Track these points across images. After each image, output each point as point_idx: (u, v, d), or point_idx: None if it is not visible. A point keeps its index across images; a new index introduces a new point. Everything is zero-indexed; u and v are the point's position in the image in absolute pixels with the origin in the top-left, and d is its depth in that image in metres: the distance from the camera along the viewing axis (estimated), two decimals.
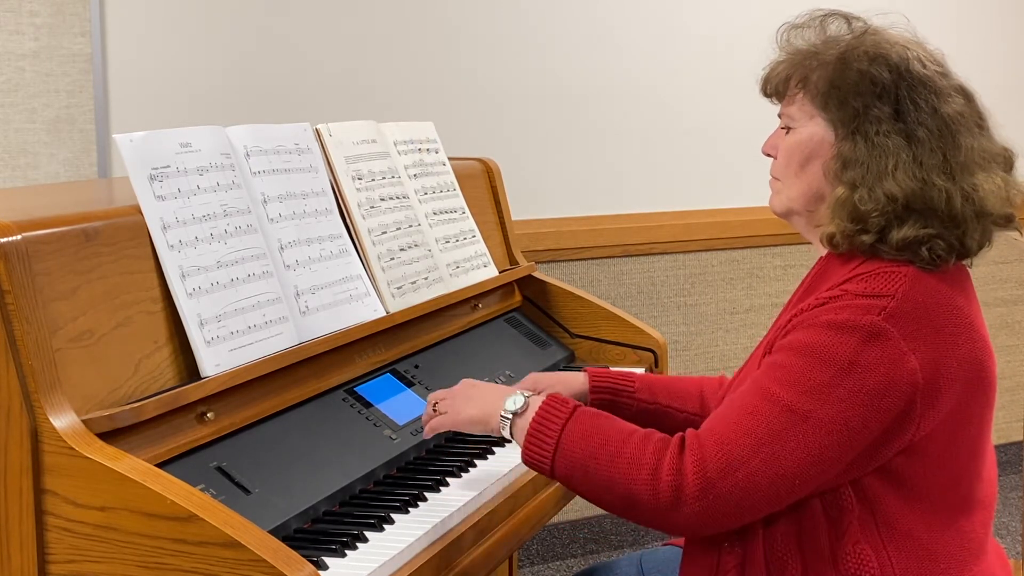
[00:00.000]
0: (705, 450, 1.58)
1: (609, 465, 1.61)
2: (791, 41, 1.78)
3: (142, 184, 1.71)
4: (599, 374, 2.10)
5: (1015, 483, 4.32)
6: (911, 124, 1.66)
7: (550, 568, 3.76)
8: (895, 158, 1.65)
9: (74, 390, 1.50)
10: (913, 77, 1.68)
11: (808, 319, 1.64)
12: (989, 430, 1.72)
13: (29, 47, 3.01)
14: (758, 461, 1.56)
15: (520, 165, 3.49)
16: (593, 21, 3.74)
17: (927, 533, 1.66)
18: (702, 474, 1.56)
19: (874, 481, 1.64)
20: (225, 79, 3.25)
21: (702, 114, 3.91)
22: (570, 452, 1.65)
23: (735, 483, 1.56)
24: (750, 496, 1.57)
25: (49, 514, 1.45)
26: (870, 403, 1.58)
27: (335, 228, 2.08)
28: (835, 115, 1.70)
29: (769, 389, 1.60)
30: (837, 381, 1.57)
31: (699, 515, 1.57)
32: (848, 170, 1.67)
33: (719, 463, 1.56)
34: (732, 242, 3.97)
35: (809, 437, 1.57)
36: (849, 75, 1.69)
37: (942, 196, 1.64)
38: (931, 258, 1.64)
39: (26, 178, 3.03)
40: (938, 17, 4.21)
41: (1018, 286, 4.52)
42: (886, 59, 1.69)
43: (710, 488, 1.56)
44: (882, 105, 1.67)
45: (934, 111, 1.67)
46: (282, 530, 1.62)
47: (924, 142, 1.65)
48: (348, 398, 1.97)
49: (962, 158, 1.66)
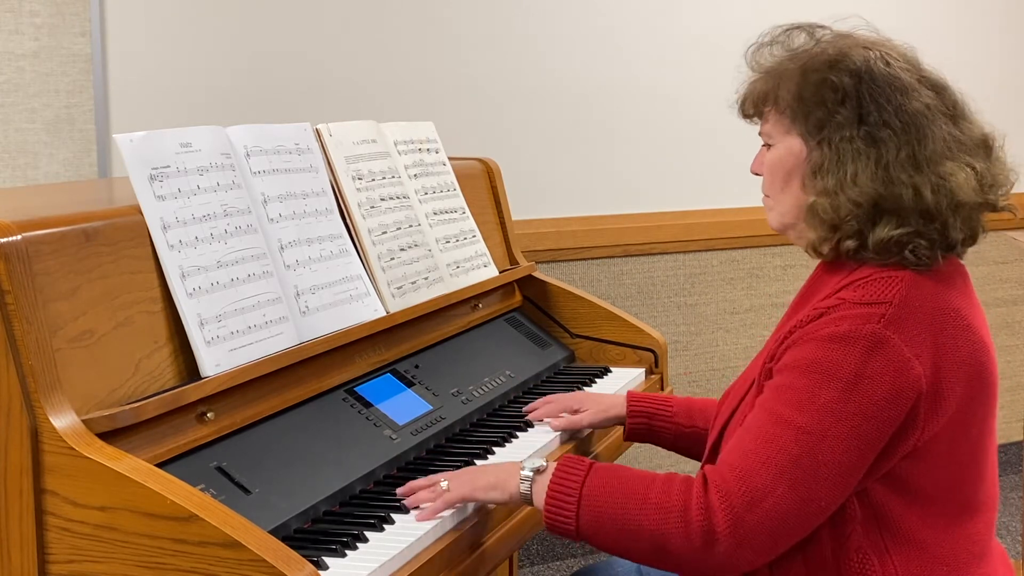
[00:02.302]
0: (727, 484, 1.57)
1: (638, 514, 1.60)
2: (759, 60, 1.80)
3: (142, 184, 1.71)
4: (637, 398, 2.14)
5: (1015, 483, 4.32)
6: (873, 126, 1.67)
7: (550, 568, 3.76)
8: (855, 164, 1.66)
9: (74, 390, 1.50)
10: (875, 77, 1.69)
11: (808, 333, 1.63)
12: (991, 431, 1.72)
13: (29, 47, 3.01)
14: (783, 489, 1.56)
15: (520, 165, 3.49)
16: (593, 21, 3.74)
17: (931, 536, 1.65)
18: (730, 511, 1.55)
19: (878, 487, 1.63)
20: (225, 79, 3.25)
21: (702, 114, 3.91)
22: (594, 507, 1.63)
23: (763, 514, 1.56)
24: (782, 524, 1.57)
25: (49, 514, 1.45)
26: (881, 413, 1.57)
27: (335, 228, 2.08)
28: (803, 127, 1.72)
29: (780, 414, 1.59)
30: (846, 396, 1.57)
31: (734, 550, 1.56)
32: (817, 179, 1.69)
33: (743, 496, 1.56)
34: (732, 242, 3.97)
35: (829, 456, 1.56)
36: (811, 85, 1.71)
37: (909, 192, 1.64)
38: (917, 258, 1.65)
39: (26, 178, 3.03)
40: (939, 17, 4.21)
41: (1018, 286, 4.52)
42: (847, 63, 1.70)
43: (740, 523, 1.55)
44: (845, 110, 1.68)
45: (899, 108, 1.67)
46: (282, 530, 1.62)
47: (887, 142, 1.66)
48: (348, 398, 1.97)
49: (928, 151, 1.66)
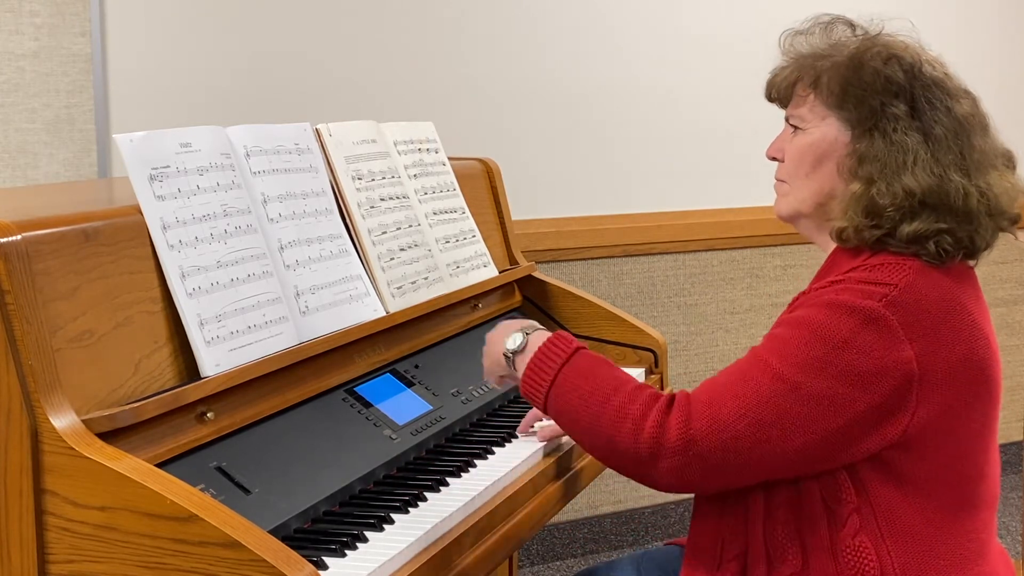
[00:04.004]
0: (693, 409, 1.62)
1: (598, 410, 1.66)
2: (795, 46, 1.80)
3: (142, 184, 1.71)
4: None
5: (1015, 483, 4.32)
6: (927, 122, 1.69)
7: (550, 568, 3.76)
8: (913, 154, 1.67)
9: (74, 390, 1.50)
10: (926, 78, 1.71)
11: (811, 299, 1.67)
12: (993, 431, 1.73)
13: (29, 47, 3.01)
14: (744, 425, 1.60)
15: (520, 165, 3.49)
16: (593, 21, 3.74)
17: (929, 530, 1.66)
18: (685, 431, 1.60)
19: (870, 473, 1.65)
20: (225, 79, 3.25)
21: (702, 114, 3.91)
22: (563, 391, 1.70)
23: (717, 443, 1.60)
24: (730, 458, 1.61)
25: (49, 514, 1.45)
26: (859, 384, 1.60)
27: (335, 228, 2.08)
28: (851, 114, 1.72)
29: (763, 357, 1.64)
30: (830, 358, 1.60)
31: (675, 470, 1.62)
32: (865, 166, 1.69)
33: (705, 422, 1.61)
34: (732, 242, 3.98)
35: (795, 407, 1.60)
36: (864, 74, 1.71)
37: (959, 192, 1.66)
38: (937, 252, 1.66)
39: (26, 178, 3.03)
40: (938, 17, 4.22)
41: (1018, 286, 4.52)
42: (899, 60, 1.72)
43: (691, 445, 1.60)
44: (898, 103, 1.70)
45: (948, 111, 1.70)
46: (282, 530, 1.62)
47: (941, 140, 1.68)
48: (348, 398, 1.97)
49: (976, 157, 1.69)
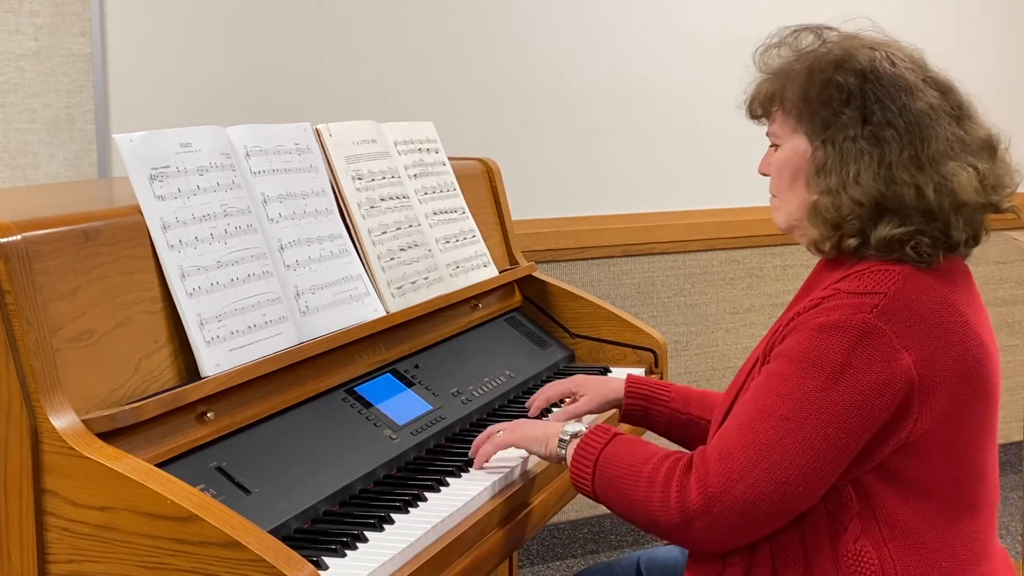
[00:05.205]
0: (708, 466, 1.62)
1: (632, 486, 1.68)
2: (767, 61, 1.82)
3: (142, 184, 1.71)
4: (636, 381, 2.19)
5: (1015, 483, 4.32)
6: (877, 125, 1.69)
7: (550, 568, 3.76)
8: (857, 164, 1.68)
9: (74, 390, 1.50)
10: (880, 77, 1.70)
11: (802, 323, 1.66)
12: (992, 430, 1.73)
13: (29, 47, 3.01)
14: (758, 472, 1.59)
15: (520, 165, 3.49)
16: (593, 21, 3.74)
17: (929, 532, 1.66)
18: (704, 490, 1.61)
19: (872, 479, 1.65)
20: (225, 79, 3.25)
21: (702, 114, 3.91)
22: (606, 473, 1.72)
23: (737, 496, 1.60)
24: (755, 508, 1.60)
25: (49, 514, 1.45)
26: (866, 402, 1.59)
27: (335, 228, 2.08)
28: (809, 127, 1.73)
29: (763, 400, 1.63)
30: (830, 385, 1.59)
31: (707, 530, 1.62)
32: (820, 178, 1.71)
33: (720, 478, 1.61)
34: (732, 242, 3.97)
35: (806, 443, 1.59)
36: (816, 85, 1.72)
37: (911, 191, 1.66)
38: (918, 255, 1.66)
39: (26, 178, 3.03)
40: (938, 17, 4.21)
41: (1018, 286, 4.52)
42: (852, 63, 1.72)
43: (713, 503, 1.60)
44: (850, 110, 1.70)
45: (903, 108, 1.69)
46: (282, 530, 1.62)
47: (890, 141, 1.68)
48: (348, 398, 1.97)
49: (931, 151, 1.68)
